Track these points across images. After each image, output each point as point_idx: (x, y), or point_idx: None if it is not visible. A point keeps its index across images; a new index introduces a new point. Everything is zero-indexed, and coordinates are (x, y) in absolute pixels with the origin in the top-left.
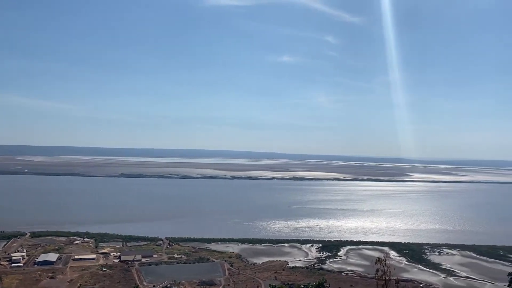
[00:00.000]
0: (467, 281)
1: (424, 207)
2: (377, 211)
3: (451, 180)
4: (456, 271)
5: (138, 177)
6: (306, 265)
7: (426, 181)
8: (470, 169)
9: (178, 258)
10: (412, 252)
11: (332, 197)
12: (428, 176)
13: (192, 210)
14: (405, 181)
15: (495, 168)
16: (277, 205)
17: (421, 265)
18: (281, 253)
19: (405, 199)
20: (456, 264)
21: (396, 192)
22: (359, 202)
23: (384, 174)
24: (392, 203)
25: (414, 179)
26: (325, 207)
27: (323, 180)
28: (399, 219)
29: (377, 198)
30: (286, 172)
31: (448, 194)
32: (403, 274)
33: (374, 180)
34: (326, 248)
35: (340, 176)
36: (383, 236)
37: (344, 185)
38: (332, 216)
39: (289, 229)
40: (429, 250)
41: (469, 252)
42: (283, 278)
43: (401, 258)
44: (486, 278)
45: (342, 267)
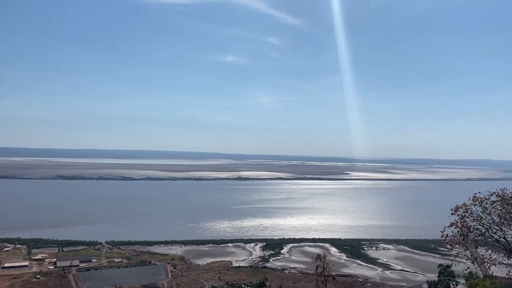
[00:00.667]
0: (402, 274)
1: (362, 204)
2: (318, 208)
3: (387, 178)
4: (392, 265)
5: (75, 179)
6: (250, 264)
7: (364, 179)
8: (405, 168)
9: (118, 262)
10: (351, 248)
11: (275, 196)
12: (366, 174)
13: (133, 213)
14: (344, 179)
15: (426, 166)
16: (221, 206)
17: (359, 260)
18: (225, 253)
19: (344, 197)
20: (391, 258)
21: (336, 190)
22: (301, 200)
23: (325, 172)
24: (332, 201)
25: (353, 177)
26: (268, 206)
27: (267, 180)
28: (339, 216)
29: (318, 196)
30: (231, 172)
31: (384, 191)
32: (343, 269)
33: (315, 179)
34: (270, 246)
35: (283, 175)
36: (324, 233)
37: (287, 184)
38: (275, 214)
39: (234, 229)
40: (367, 245)
41: (403, 246)
42: (227, 278)
43: (341, 254)
44: (419, 270)
45: (285, 264)
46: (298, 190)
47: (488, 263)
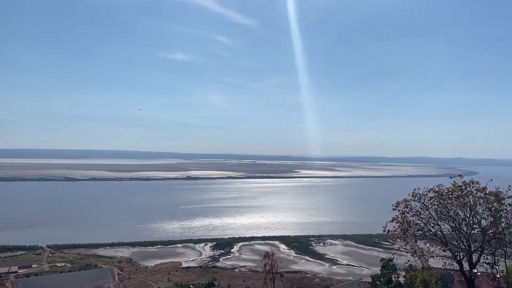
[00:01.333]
0: (348, 268)
1: (310, 201)
2: (268, 206)
3: (334, 176)
4: (339, 260)
5: (13, 180)
6: (200, 264)
7: (313, 177)
8: (351, 165)
9: (61, 266)
10: (300, 244)
11: (226, 195)
12: (314, 172)
13: (77, 215)
14: (294, 177)
15: (371, 164)
16: (170, 206)
17: (308, 256)
18: (174, 254)
19: (293, 194)
20: (338, 253)
21: (286, 188)
22: (252, 199)
23: (275, 171)
24: (281, 199)
25: (302, 175)
26: (219, 205)
27: (217, 179)
28: (288, 214)
29: (268, 194)
30: (180, 172)
31: (331, 189)
32: (292, 266)
33: (265, 177)
34: (220, 246)
35: (233, 174)
36: (274, 231)
37: (238, 183)
38: (226, 214)
39: (183, 229)
40: (315, 241)
41: (350, 241)
42: (176, 279)
43: (290, 251)
44: (364, 264)
45: (235, 263)
46: (249, 189)
47: (427, 255)
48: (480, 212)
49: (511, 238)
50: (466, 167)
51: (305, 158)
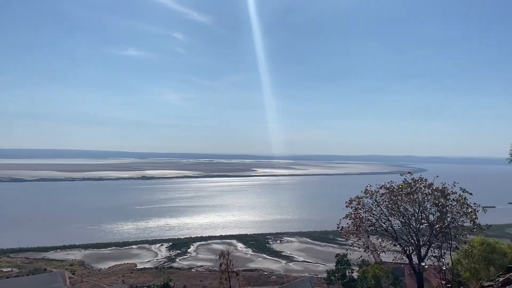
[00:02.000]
0: (304, 265)
1: (267, 200)
2: (226, 205)
3: (290, 174)
4: (295, 257)
5: None
6: (156, 265)
7: (269, 175)
8: (307, 164)
9: (7, 272)
10: (257, 242)
11: (182, 194)
12: (271, 170)
13: (25, 217)
14: (251, 176)
15: (327, 162)
16: (124, 206)
17: (265, 254)
18: (129, 255)
19: (250, 193)
20: (295, 250)
21: (243, 186)
22: (209, 198)
23: (232, 170)
24: (239, 197)
25: (259, 173)
26: (175, 205)
27: (173, 178)
28: (245, 212)
29: (225, 193)
30: (134, 171)
31: (287, 187)
32: (249, 264)
33: (223, 176)
34: (176, 246)
35: (190, 173)
36: (231, 230)
37: (194, 182)
38: (182, 213)
39: (138, 230)
40: (272, 239)
41: (306, 238)
42: (131, 281)
43: (247, 249)
44: (320, 261)
45: (192, 263)
46: (206, 188)
47: (378, 250)
48: (428, 207)
49: (456, 232)
50: (416, 165)
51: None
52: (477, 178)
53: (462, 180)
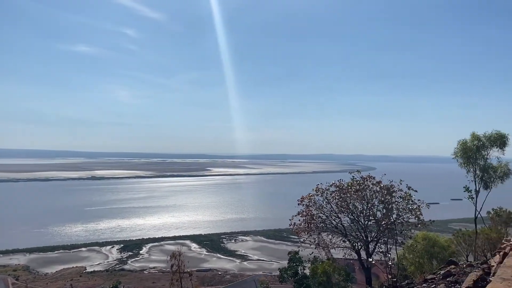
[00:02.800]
0: (258, 263)
1: (222, 199)
2: (180, 206)
3: (245, 173)
4: (249, 255)
5: None
6: (106, 268)
7: (224, 175)
8: (262, 163)
9: None
10: (211, 242)
11: (134, 195)
12: (226, 170)
13: None
14: (206, 176)
15: (281, 161)
16: (73, 208)
17: (219, 254)
18: (78, 258)
19: (205, 193)
20: (249, 249)
21: (197, 186)
22: (162, 198)
23: (186, 169)
24: (193, 197)
25: (214, 173)
26: (127, 206)
27: (125, 178)
28: (200, 212)
29: (179, 193)
30: (83, 171)
31: (242, 186)
32: (204, 264)
33: (177, 176)
34: (128, 247)
35: (142, 173)
36: (185, 230)
37: (147, 182)
38: (134, 214)
39: (88, 232)
40: (226, 238)
41: (260, 237)
42: (80, 285)
43: (202, 249)
44: (274, 258)
45: (144, 265)
46: (159, 188)
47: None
48: (376, 204)
49: (402, 227)
50: (366, 163)
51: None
52: (423, 176)
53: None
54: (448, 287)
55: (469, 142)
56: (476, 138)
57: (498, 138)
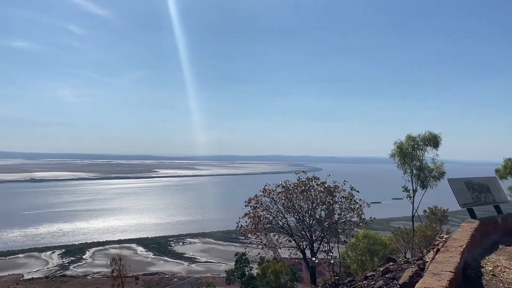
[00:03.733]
0: (207, 265)
1: (170, 201)
2: (126, 208)
3: (194, 174)
4: (198, 258)
5: None
6: (46, 275)
7: (172, 176)
8: (211, 164)
9: None
10: (158, 245)
11: (77, 198)
12: (174, 171)
13: None
14: (153, 177)
15: (230, 162)
16: (10, 212)
17: (167, 257)
18: (14, 265)
19: (152, 195)
20: (197, 251)
21: (145, 188)
22: (108, 201)
23: (133, 171)
24: (140, 200)
25: (161, 174)
26: (69, 209)
27: (67, 181)
28: (147, 215)
29: (126, 195)
30: (21, 173)
31: (191, 187)
32: (151, 267)
33: (122, 178)
34: (70, 253)
35: (86, 175)
36: (131, 233)
37: (91, 184)
38: (77, 218)
39: (26, 237)
40: (174, 241)
41: (208, 239)
42: None
43: (148, 253)
44: (222, 260)
45: (87, 270)
46: (104, 191)
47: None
48: (320, 204)
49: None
50: (313, 164)
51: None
52: (367, 176)
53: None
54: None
55: (404, 143)
56: (411, 139)
57: (431, 138)
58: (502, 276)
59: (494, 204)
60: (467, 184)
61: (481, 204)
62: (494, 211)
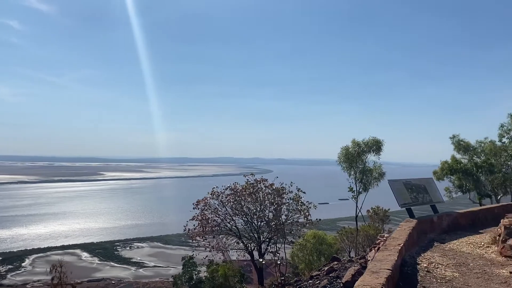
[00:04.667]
0: (155, 270)
1: (117, 205)
2: (70, 213)
3: (141, 177)
4: (146, 262)
5: None
6: None
7: (119, 179)
8: (159, 166)
9: None
10: (104, 250)
11: (17, 202)
12: (121, 174)
13: None
14: (99, 180)
15: (179, 164)
16: None
17: (113, 262)
18: None
19: (99, 198)
20: (145, 255)
21: (90, 191)
22: (50, 205)
23: (77, 174)
24: (85, 204)
25: (108, 177)
26: (7, 214)
27: (5, 184)
28: (92, 219)
29: (70, 199)
30: None
31: (139, 190)
32: (96, 273)
33: (66, 181)
34: (8, 260)
35: (26, 178)
36: (76, 238)
37: (32, 188)
38: (16, 223)
39: None
40: (121, 246)
41: (157, 243)
42: None
43: (94, 258)
44: (171, 264)
45: (27, 278)
46: (46, 194)
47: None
48: (268, 206)
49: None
50: (264, 166)
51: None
52: (316, 178)
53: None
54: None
55: (350, 148)
56: (356, 144)
57: (374, 143)
58: (435, 272)
59: (431, 204)
60: (406, 185)
61: (419, 204)
62: (431, 210)
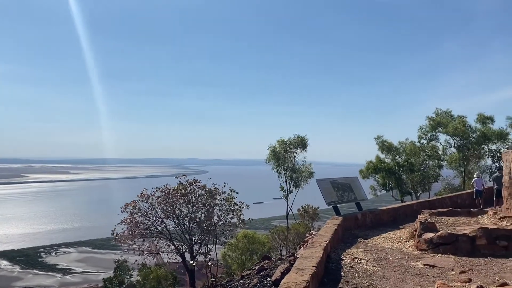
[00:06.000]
0: (83, 276)
1: (41, 209)
2: None
3: (68, 179)
4: (73, 268)
5: None
6: None
7: (44, 181)
8: (87, 167)
9: None
10: (26, 257)
11: None
12: (46, 176)
13: None
14: (21, 183)
15: (109, 165)
16: None
17: (36, 270)
18: None
19: (20, 202)
20: (73, 261)
21: (11, 195)
22: None
23: None
24: (5, 208)
25: (31, 179)
26: None
27: None
28: (13, 225)
29: None
30: None
31: (65, 193)
32: (17, 283)
33: None
34: None
35: None
36: None
37: None
38: None
39: None
40: (45, 252)
41: (86, 248)
42: None
43: (14, 266)
44: (101, 269)
45: None
46: None
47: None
48: (200, 207)
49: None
50: (199, 167)
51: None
52: (251, 178)
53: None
54: (260, 281)
55: (277, 147)
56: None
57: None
58: (357, 267)
59: (356, 202)
60: (333, 184)
61: (345, 202)
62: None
